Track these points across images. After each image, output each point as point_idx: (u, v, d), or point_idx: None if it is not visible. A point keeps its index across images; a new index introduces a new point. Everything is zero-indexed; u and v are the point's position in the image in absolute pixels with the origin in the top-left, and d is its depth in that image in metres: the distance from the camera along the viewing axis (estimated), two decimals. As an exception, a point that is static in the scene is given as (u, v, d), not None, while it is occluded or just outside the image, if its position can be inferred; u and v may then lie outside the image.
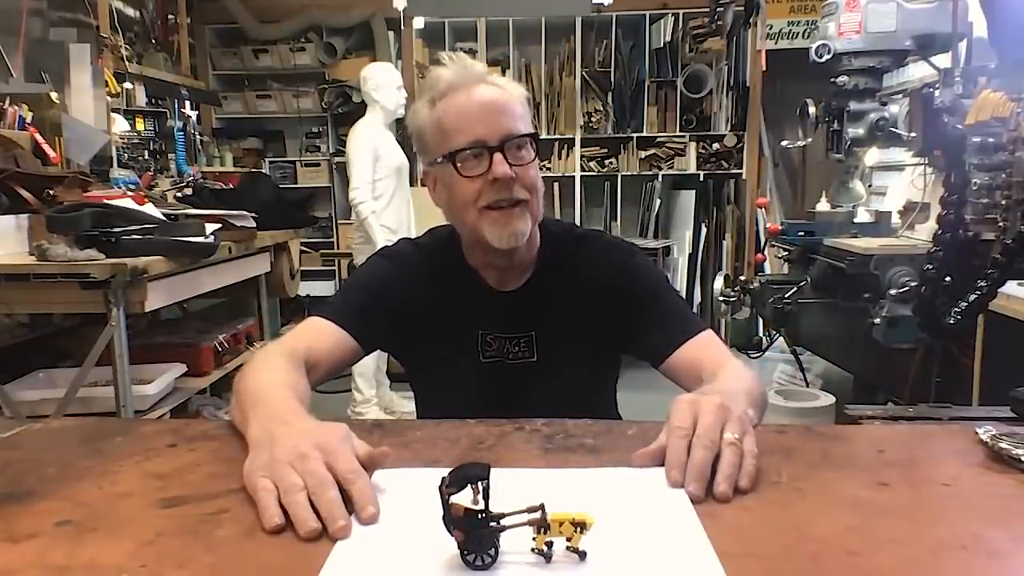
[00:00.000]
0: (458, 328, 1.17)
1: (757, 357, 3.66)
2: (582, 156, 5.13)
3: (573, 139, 5.09)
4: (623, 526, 0.63)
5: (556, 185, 5.15)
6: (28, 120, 2.74)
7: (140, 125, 4.32)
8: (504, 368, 1.16)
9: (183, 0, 5.10)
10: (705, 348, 1.08)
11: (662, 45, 5.02)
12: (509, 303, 1.17)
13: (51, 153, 2.75)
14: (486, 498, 0.57)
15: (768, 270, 4.05)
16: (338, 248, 5.23)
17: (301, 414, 0.80)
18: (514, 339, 1.16)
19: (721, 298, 2.76)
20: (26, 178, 2.36)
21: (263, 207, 2.92)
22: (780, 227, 2.87)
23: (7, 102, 2.71)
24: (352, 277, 1.25)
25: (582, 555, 0.57)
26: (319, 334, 1.08)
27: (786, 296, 2.53)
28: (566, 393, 1.09)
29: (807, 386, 3.22)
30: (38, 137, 2.72)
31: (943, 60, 1.97)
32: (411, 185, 4.13)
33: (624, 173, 5.14)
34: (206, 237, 2.38)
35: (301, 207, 4.23)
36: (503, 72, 4.95)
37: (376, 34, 5.18)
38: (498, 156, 1.05)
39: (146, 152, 4.24)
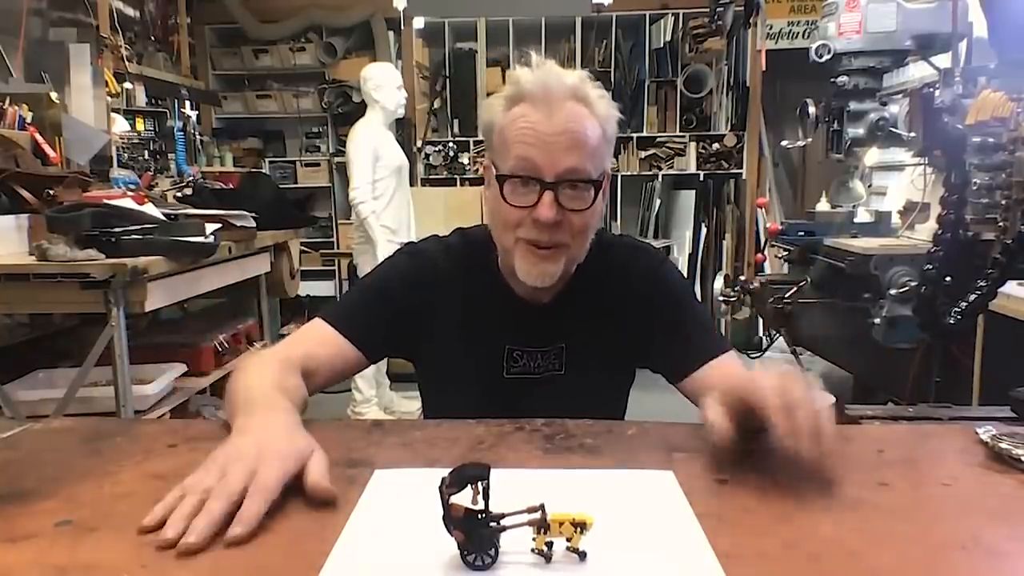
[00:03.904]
0: (484, 342, 1.10)
1: (757, 357, 3.67)
2: (582, 156, 5.13)
3: (573, 139, 5.08)
4: (623, 526, 0.63)
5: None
6: (28, 120, 2.74)
7: (140, 125, 4.33)
8: (529, 382, 1.11)
9: (183, 0, 5.11)
10: (727, 369, 1.03)
11: (662, 45, 5.03)
12: (541, 317, 1.11)
13: (51, 153, 2.75)
14: (486, 498, 0.57)
15: (768, 270, 4.05)
16: (338, 248, 5.23)
17: (281, 418, 0.79)
18: (544, 353, 1.11)
19: (721, 298, 2.76)
20: (26, 178, 2.36)
21: (263, 207, 2.91)
22: (780, 227, 2.87)
23: (7, 102, 2.71)
24: (369, 273, 1.18)
25: (582, 555, 0.57)
26: (319, 341, 1.04)
27: (786, 296, 2.53)
28: (591, 403, 1.03)
29: (807, 386, 3.22)
30: (38, 137, 2.72)
31: (943, 60, 1.97)
32: (411, 185, 4.14)
33: (624, 173, 5.14)
34: (206, 237, 2.38)
35: (301, 207, 4.24)
36: (503, 72, 4.95)
37: (376, 34, 5.19)
38: (548, 196, 0.97)
39: (146, 152, 4.25)
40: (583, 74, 1.02)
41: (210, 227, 2.42)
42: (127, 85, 4.17)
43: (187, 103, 4.88)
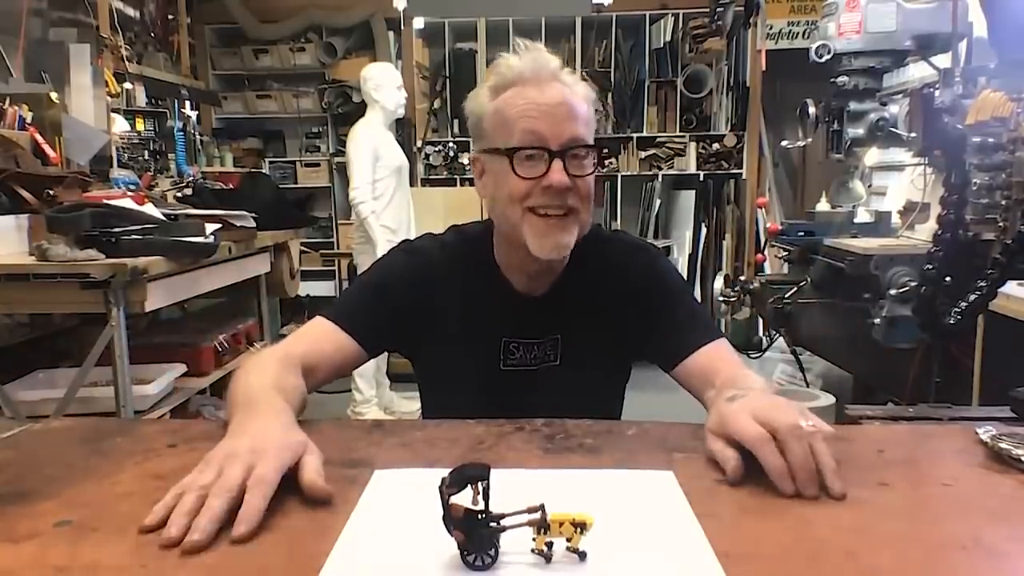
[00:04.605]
0: (481, 335, 1.12)
1: (757, 357, 3.66)
2: (582, 156, 5.13)
3: (573, 139, 5.09)
4: (623, 526, 0.63)
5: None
6: (28, 120, 2.74)
7: (140, 125, 4.33)
8: (526, 374, 1.12)
9: (183, 0, 5.11)
10: (719, 357, 1.05)
11: (662, 45, 5.03)
12: (537, 309, 1.13)
13: (51, 153, 2.75)
14: (486, 498, 0.57)
15: (768, 270, 4.05)
16: (338, 248, 5.23)
17: (275, 416, 0.79)
18: (540, 344, 1.13)
19: (721, 298, 2.76)
20: (26, 178, 2.36)
21: (263, 207, 2.91)
22: (780, 227, 2.87)
23: (7, 102, 2.71)
24: (367, 271, 1.20)
25: (582, 555, 0.57)
26: (320, 337, 1.06)
27: (786, 296, 2.53)
28: (587, 396, 1.06)
29: (807, 386, 3.22)
30: (38, 137, 2.72)
31: (943, 60, 1.97)
32: (411, 185, 4.14)
33: (624, 173, 5.14)
34: (206, 237, 2.38)
35: (301, 207, 4.24)
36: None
37: (376, 34, 5.19)
38: (557, 163, 1.00)
39: (146, 152, 4.24)
40: (559, 62, 1.07)
41: (210, 227, 2.42)
42: (127, 85, 4.17)
43: (187, 103, 4.87)
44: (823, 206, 2.97)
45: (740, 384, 0.90)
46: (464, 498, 0.57)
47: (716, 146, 5.06)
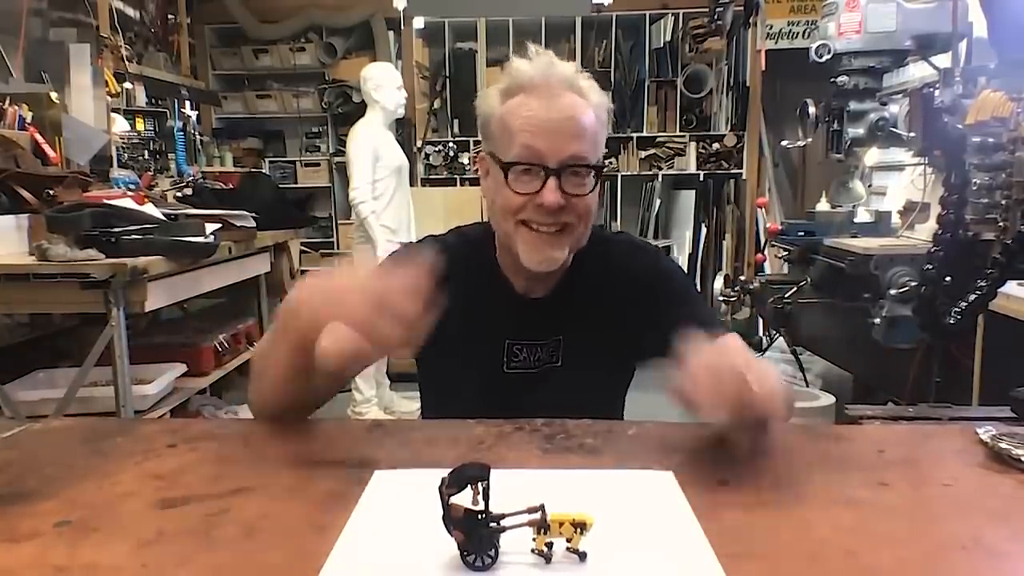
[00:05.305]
0: (485, 338, 1.12)
1: (757, 357, 3.66)
2: (582, 156, 5.13)
3: (573, 139, 5.08)
4: (623, 527, 0.63)
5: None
6: (28, 120, 2.74)
7: (140, 125, 4.32)
8: (529, 376, 1.12)
9: (183, 0, 5.11)
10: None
11: (662, 45, 5.03)
12: (539, 310, 1.13)
13: (51, 153, 2.75)
14: (486, 499, 0.57)
15: (768, 270, 4.04)
16: (338, 248, 5.23)
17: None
18: (543, 346, 1.13)
19: (721, 298, 2.77)
20: (26, 178, 2.36)
21: (263, 207, 2.92)
22: (780, 227, 2.87)
23: (7, 102, 2.71)
24: None
25: (582, 556, 0.57)
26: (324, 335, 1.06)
27: (786, 296, 2.53)
28: (589, 397, 1.04)
29: (807, 386, 3.22)
30: (38, 137, 2.72)
31: (943, 60, 1.97)
32: (411, 185, 4.14)
33: (624, 173, 5.15)
34: (206, 237, 2.38)
35: (301, 207, 4.24)
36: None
37: (376, 34, 5.19)
38: (552, 182, 0.99)
39: (146, 152, 4.24)
40: (576, 64, 1.06)
41: (210, 227, 2.42)
42: (127, 85, 4.17)
43: (187, 103, 4.88)
44: (823, 206, 2.97)
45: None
46: (464, 498, 0.57)
47: (716, 146, 5.06)
